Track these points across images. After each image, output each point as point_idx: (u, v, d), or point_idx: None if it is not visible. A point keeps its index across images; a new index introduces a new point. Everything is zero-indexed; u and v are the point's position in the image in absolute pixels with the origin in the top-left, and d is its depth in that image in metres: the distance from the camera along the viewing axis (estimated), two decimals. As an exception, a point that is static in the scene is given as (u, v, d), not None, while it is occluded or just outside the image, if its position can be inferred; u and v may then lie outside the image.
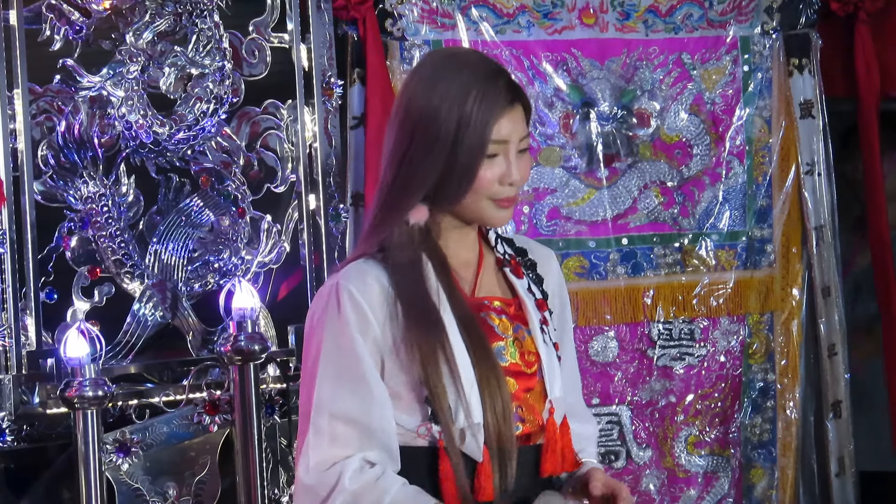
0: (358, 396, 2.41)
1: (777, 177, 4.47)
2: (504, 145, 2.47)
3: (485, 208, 2.49)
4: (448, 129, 2.44)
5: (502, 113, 2.46)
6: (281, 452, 3.72)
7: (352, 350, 2.43)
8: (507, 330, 2.52)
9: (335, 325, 2.44)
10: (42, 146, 3.66)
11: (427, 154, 2.46)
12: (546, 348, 2.54)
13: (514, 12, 4.24)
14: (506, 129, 2.47)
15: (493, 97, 2.46)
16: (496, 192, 2.48)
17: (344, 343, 2.43)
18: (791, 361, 4.49)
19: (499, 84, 2.48)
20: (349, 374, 2.43)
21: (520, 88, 2.52)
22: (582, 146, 4.31)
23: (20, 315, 3.56)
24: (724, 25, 4.42)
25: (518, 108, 2.50)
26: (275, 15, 4.00)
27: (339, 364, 2.43)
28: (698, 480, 4.42)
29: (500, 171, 2.47)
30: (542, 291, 2.63)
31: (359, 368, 2.42)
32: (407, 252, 2.48)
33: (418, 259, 2.49)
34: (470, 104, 2.45)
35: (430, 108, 2.46)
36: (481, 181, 2.46)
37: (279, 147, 4.00)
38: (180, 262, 3.85)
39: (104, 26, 3.74)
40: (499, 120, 2.46)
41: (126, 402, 3.62)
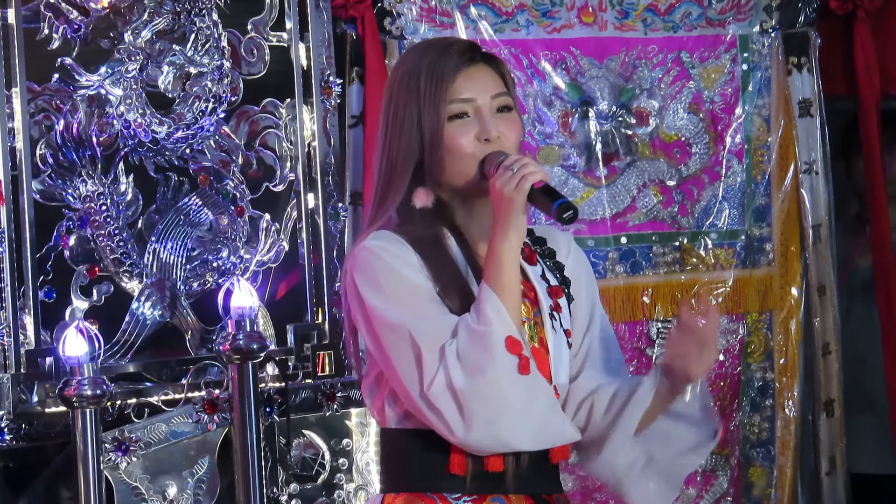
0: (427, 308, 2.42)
1: (776, 175, 4.47)
2: (471, 103, 2.48)
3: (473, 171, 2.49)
4: (411, 100, 2.49)
5: (457, 71, 2.48)
6: (280, 451, 3.72)
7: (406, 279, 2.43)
8: (529, 314, 2.53)
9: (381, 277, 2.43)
10: (40, 145, 3.66)
11: (401, 130, 2.50)
12: (554, 335, 2.54)
13: (512, 11, 4.24)
14: (466, 87, 2.48)
15: (446, 59, 2.49)
16: (476, 151, 2.48)
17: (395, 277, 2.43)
18: (790, 360, 4.49)
19: (452, 48, 2.51)
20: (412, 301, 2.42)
21: (484, 51, 2.54)
22: (581, 145, 4.31)
23: (19, 314, 3.55)
24: (722, 24, 4.42)
25: (481, 67, 2.51)
26: (273, 14, 3.99)
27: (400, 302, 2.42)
28: (697, 479, 4.42)
29: (475, 130, 2.48)
30: (562, 278, 2.63)
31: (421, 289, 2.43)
32: (425, 228, 2.49)
33: (441, 234, 2.50)
34: (425, 70, 2.49)
35: (398, 86, 2.52)
36: (455, 143, 2.47)
37: (278, 146, 3.99)
38: (179, 261, 3.85)
39: (102, 25, 3.74)
40: (454, 78, 2.47)
41: (125, 401, 3.61)
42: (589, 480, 4.29)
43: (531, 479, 2.48)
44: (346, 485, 3.83)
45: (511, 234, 2.40)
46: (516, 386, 2.35)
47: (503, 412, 2.35)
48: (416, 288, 2.43)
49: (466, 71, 2.49)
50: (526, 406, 2.36)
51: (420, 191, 2.51)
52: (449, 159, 2.48)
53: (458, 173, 2.49)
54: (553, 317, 2.55)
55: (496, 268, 2.40)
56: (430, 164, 2.49)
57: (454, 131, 2.48)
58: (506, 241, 2.40)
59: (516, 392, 2.35)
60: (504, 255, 2.40)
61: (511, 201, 2.39)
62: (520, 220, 2.40)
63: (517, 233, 2.41)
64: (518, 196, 2.39)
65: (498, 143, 2.48)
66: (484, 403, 2.35)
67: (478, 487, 2.45)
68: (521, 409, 2.36)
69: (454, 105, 2.48)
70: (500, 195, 2.40)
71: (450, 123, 2.48)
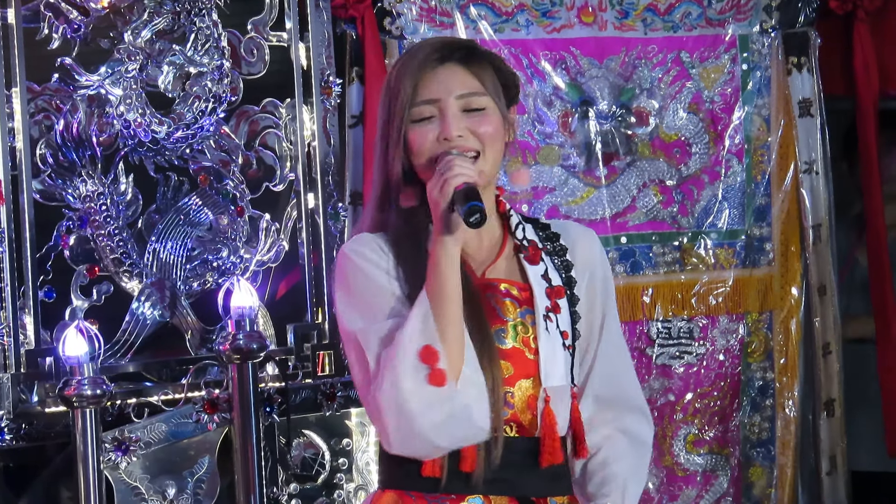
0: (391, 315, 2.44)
1: (776, 175, 4.47)
2: (434, 104, 2.47)
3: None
4: (384, 104, 2.50)
5: (423, 73, 2.47)
6: (280, 451, 3.72)
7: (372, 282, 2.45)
8: (513, 314, 2.51)
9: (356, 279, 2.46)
10: (40, 145, 3.66)
11: (380, 133, 2.51)
12: (547, 336, 2.52)
13: (512, 11, 4.24)
14: (429, 88, 2.47)
15: (413, 63, 2.48)
16: (432, 151, 2.47)
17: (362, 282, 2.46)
18: (790, 360, 4.49)
19: (422, 50, 2.51)
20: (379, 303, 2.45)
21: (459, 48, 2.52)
22: (581, 145, 4.31)
23: (19, 314, 3.55)
24: (722, 24, 4.42)
25: (451, 67, 2.50)
26: (273, 14, 4.00)
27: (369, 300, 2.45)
28: (697, 479, 4.42)
29: (436, 131, 2.47)
30: (567, 278, 2.61)
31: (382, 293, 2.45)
32: (408, 227, 2.50)
33: (422, 234, 2.49)
34: (395, 73, 2.49)
35: (383, 90, 2.53)
36: (416, 145, 2.47)
37: (278, 146, 3.99)
38: (179, 261, 3.85)
39: (102, 25, 3.74)
40: (420, 81, 2.47)
41: (125, 401, 3.61)
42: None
43: (518, 481, 2.48)
44: (346, 484, 3.83)
45: (445, 239, 2.39)
46: (420, 395, 2.35)
47: (408, 420, 2.36)
48: (379, 290, 2.45)
49: (433, 72, 2.48)
50: (427, 413, 2.36)
51: (405, 191, 2.51)
52: (415, 161, 2.49)
53: (425, 176, 2.47)
54: (549, 318, 2.53)
55: (433, 273, 2.39)
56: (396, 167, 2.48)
57: (416, 133, 2.47)
58: (441, 245, 2.39)
59: (418, 401, 2.35)
60: (440, 260, 2.39)
61: (437, 205, 2.38)
62: (450, 223, 2.38)
63: (452, 237, 2.39)
64: (442, 200, 2.37)
65: (461, 142, 2.46)
66: (392, 411, 2.37)
67: (455, 487, 2.45)
68: (422, 417, 2.36)
69: (417, 108, 2.47)
70: (431, 198, 2.40)
71: (414, 125, 2.47)
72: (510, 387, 2.48)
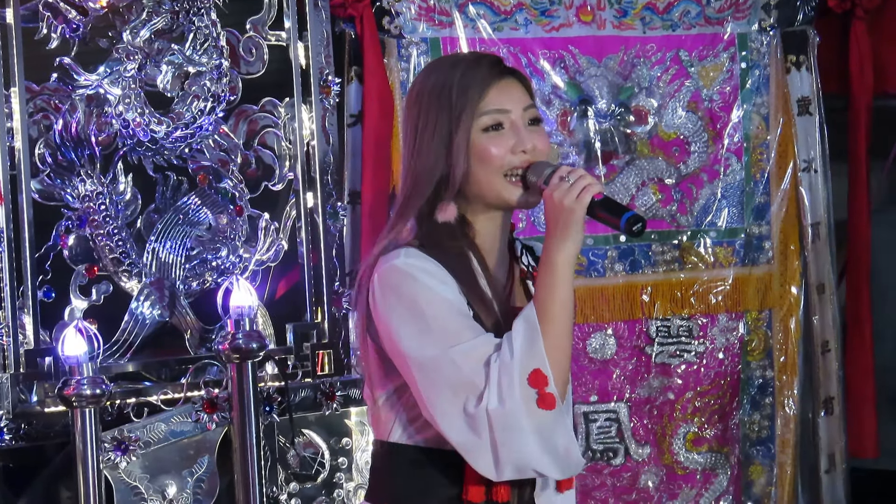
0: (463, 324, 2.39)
1: (775, 174, 4.47)
2: (505, 115, 2.47)
3: (499, 185, 2.46)
4: (442, 112, 2.47)
5: (490, 82, 2.47)
6: (279, 450, 3.72)
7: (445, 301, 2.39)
8: None
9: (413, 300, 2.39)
10: (39, 144, 3.66)
11: (429, 142, 2.47)
12: None
13: (511, 10, 4.24)
14: (500, 98, 2.47)
15: (477, 70, 2.48)
16: (509, 162, 2.46)
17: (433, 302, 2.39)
18: (789, 358, 4.49)
19: (483, 61, 2.50)
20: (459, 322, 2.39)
21: (512, 68, 2.54)
22: (580, 143, 4.31)
23: (18, 314, 3.55)
24: (721, 22, 4.42)
25: (512, 81, 2.50)
26: (272, 13, 3.99)
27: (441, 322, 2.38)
28: (697, 477, 4.42)
29: (511, 142, 2.46)
30: None
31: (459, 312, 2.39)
32: (451, 244, 2.47)
33: (465, 252, 2.47)
34: (457, 82, 2.47)
35: (427, 98, 2.49)
36: (489, 154, 2.45)
37: (277, 145, 3.99)
38: (178, 261, 3.85)
39: (101, 24, 3.74)
40: (487, 89, 2.46)
41: (124, 401, 3.61)
42: (588, 479, 4.30)
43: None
44: (345, 484, 3.83)
45: (569, 245, 2.38)
46: (532, 419, 2.32)
47: (521, 443, 2.33)
48: (454, 307, 2.40)
49: (498, 83, 2.48)
50: (543, 438, 2.33)
51: (444, 205, 2.48)
52: (482, 171, 2.46)
53: (488, 185, 2.47)
54: None
55: (551, 279, 2.38)
56: (457, 177, 2.46)
57: (488, 142, 2.46)
58: (563, 251, 2.38)
59: (531, 424, 2.32)
60: (561, 266, 2.38)
61: (572, 212, 2.37)
62: (578, 232, 2.38)
63: (575, 245, 2.38)
64: (578, 207, 2.37)
65: (533, 155, 2.47)
66: (505, 432, 2.32)
67: None
68: (537, 441, 2.33)
69: (488, 116, 2.46)
70: (559, 206, 2.38)
71: (484, 134, 2.46)
72: None
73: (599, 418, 4.32)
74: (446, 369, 2.35)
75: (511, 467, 2.34)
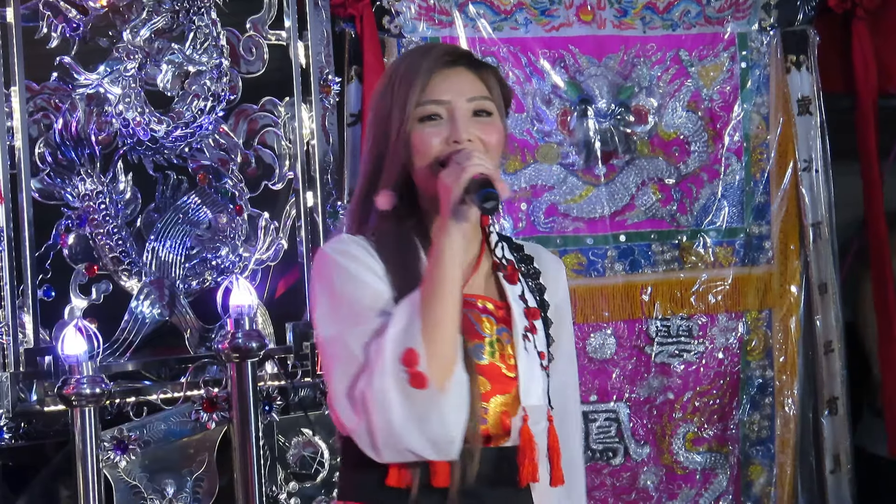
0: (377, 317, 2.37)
1: (775, 173, 4.47)
2: (443, 105, 2.44)
3: (430, 176, 2.43)
4: (385, 102, 2.46)
5: (432, 72, 2.44)
6: (279, 449, 3.72)
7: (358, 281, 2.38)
8: (491, 330, 2.48)
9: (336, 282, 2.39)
10: (39, 144, 3.66)
11: (376, 132, 2.47)
12: (526, 355, 2.49)
13: (511, 9, 4.24)
14: (440, 88, 2.44)
15: (422, 61, 2.45)
16: (441, 153, 2.42)
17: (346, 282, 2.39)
18: (789, 358, 4.49)
19: (433, 51, 2.48)
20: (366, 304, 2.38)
21: (467, 54, 2.51)
22: (580, 143, 4.31)
23: (18, 312, 3.55)
24: (721, 22, 4.42)
25: (461, 71, 2.47)
26: (272, 12, 4.00)
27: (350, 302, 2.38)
28: (696, 477, 4.42)
29: (445, 133, 2.43)
30: (541, 301, 2.59)
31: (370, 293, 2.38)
32: (394, 230, 2.45)
33: (408, 239, 2.46)
34: (402, 72, 2.45)
35: (379, 89, 2.49)
36: (423, 144, 2.42)
37: (277, 144, 3.99)
38: (178, 260, 3.85)
39: (101, 24, 3.74)
40: (429, 79, 2.43)
41: (124, 400, 3.62)
42: (587, 479, 4.29)
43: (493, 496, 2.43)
44: (345, 483, 3.82)
45: (451, 228, 2.33)
46: (404, 398, 2.30)
47: (391, 422, 2.31)
48: (366, 289, 2.38)
49: (443, 73, 2.45)
50: (414, 418, 2.30)
51: (383, 193, 2.46)
52: (417, 160, 2.44)
53: (423, 176, 2.44)
54: (527, 338, 2.50)
55: (435, 263, 2.34)
56: (395, 165, 2.44)
57: (424, 132, 2.44)
58: (445, 233, 2.34)
59: (402, 404, 2.30)
60: (443, 249, 2.34)
61: (448, 191, 2.33)
62: (458, 212, 2.33)
63: (456, 226, 2.34)
64: (456, 186, 2.33)
65: (469, 147, 2.42)
66: (376, 412, 2.31)
67: (426, 501, 2.39)
68: (405, 420, 2.30)
69: (426, 106, 2.44)
70: (442, 187, 2.35)
71: (420, 125, 2.44)
72: (485, 402, 2.44)
73: (599, 418, 4.32)
74: (339, 349, 2.36)
75: (389, 449, 2.33)
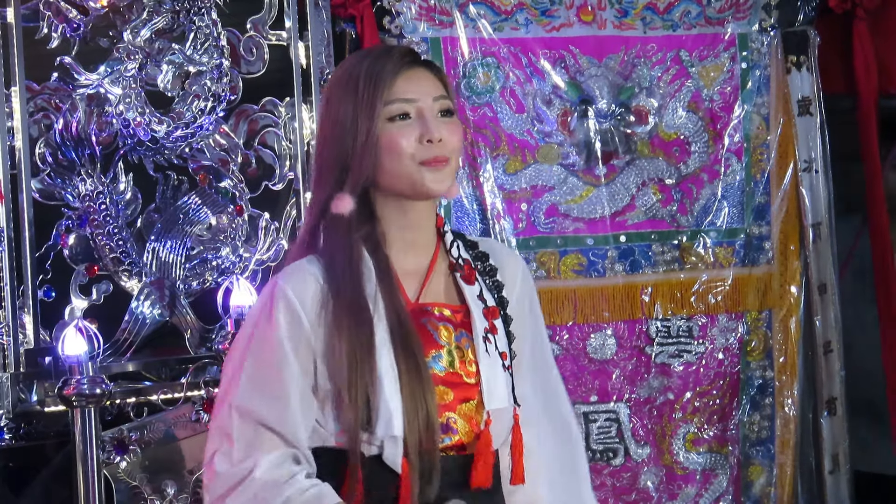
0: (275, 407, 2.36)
1: (775, 174, 4.47)
2: (412, 104, 2.42)
3: (414, 173, 2.41)
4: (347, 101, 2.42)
5: (398, 72, 2.42)
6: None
7: (276, 357, 2.36)
8: (449, 338, 2.45)
9: (265, 330, 2.38)
10: (40, 144, 3.66)
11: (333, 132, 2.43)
12: (487, 358, 2.45)
13: (512, 9, 4.24)
14: (407, 87, 2.42)
15: (386, 60, 2.43)
16: (418, 152, 2.41)
17: (269, 349, 2.37)
18: (789, 359, 4.49)
19: (393, 51, 2.46)
20: (269, 383, 2.37)
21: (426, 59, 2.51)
22: (580, 143, 4.31)
23: (18, 313, 3.55)
24: (721, 23, 4.42)
25: (422, 71, 2.45)
26: (272, 13, 4.00)
27: (262, 369, 2.37)
28: (696, 478, 4.42)
29: (418, 131, 2.41)
30: (499, 298, 2.54)
31: (280, 377, 2.36)
32: (342, 247, 2.42)
33: (356, 258, 2.42)
34: (364, 72, 2.43)
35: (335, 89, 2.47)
36: (396, 143, 2.40)
37: (277, 145, 4.00)
38: (178, 260, 3.85)
39: (102, 24, 3.74)
40: (395, 78, 2.41)
41: (124, 400, 3.61)
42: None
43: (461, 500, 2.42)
44: (345, 483, 3.82)
45: None
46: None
47: None
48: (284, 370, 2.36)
49: (407, 73, 2.43)
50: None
51: (339, 196, 2.43)
52: (389, 161, 2.40)
53: (396, 175, 2.41)
54: (487, 339, 2.47)
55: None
56: (365, 168, 2.41)
57: (395, 132, 2.41)
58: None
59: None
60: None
61: None
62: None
63: None
64: None
65: (441, 146, 2.41)
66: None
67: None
68: None
69: (394, 105, 2.41)
70: None
71: (390, 124, 2.41)
72: (451, 412, 2.42)
73: (599, 418, 4.32)
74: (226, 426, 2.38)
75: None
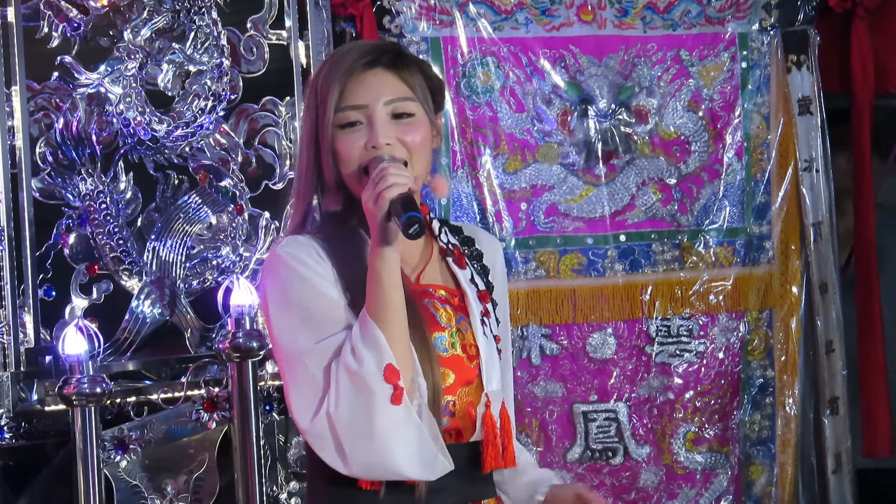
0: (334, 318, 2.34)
1: (775, 173, 4.47)
2: (360, 110, 2.41)
3: (355, 183, 2.41)
4: (310, 108, 2.43)
5: (349, 76, 2.40)
6: (279, 449, 3.72)
7: (311, 289, 2.36)
8: (451, 320, 2.46)
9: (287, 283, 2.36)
10: (40, 143, 3.67)
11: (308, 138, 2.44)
12: (486, 340, 2.48)
13: (512, 9, 4.24)
14: (356, 93, 2.41)
15: (340, 64, 2.42)
16: (360, 159, 2.40)
17: (299, 290, 2.36)
18: (790, 358, 4.49)
19: (351, 53, 2.44)
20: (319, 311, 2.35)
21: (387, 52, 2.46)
22: (580, 143, 4.31)
23: (18, 312, 3.56)
24: (722, 22, 4.42)
25: (378, 72, 2.43)
26: (273, 12, 4.00)
27: (306, 309, 2.35)
28: (697, 477, 4.42)
29: (364, 138, 2.40)
30: (487, 283, 2.57)
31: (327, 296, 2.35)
32: (340, 228, 2.43)
33: (355, 236, 2.43)
34: (322, 77, 2.43)
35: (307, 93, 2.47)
36: (343, 152, 2.40)
37: (277, 144, 4.00)
38: (178, 259, 3.85)
39: (102, 23, 3.75)
40: (346, 84, 2.40)
41: (124, 399, 3.62)
42: (587, 479, 4.30)
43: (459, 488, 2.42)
44: (345, 483, 3.82)
45: (384, 250, 2.31)
46: (384, 417, 2.28)
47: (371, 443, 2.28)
48: (330, 303, 2.35)
49: (359, 76, 2.41)
50: (392, 436, 2.29)
51: (334, 195, 2.44)
52: (342, 168, 2.41)
53: (352, 184, 2.42)
54: (484, 322, 2.49)
55: (374, 287, 2.31)
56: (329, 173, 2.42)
57: (344, 139, 2.41)
58: (380, 258, 2.31)
59: (383, 423, 2.28)
60: (381, 273, 2.31)
61: (373, 217, 2.30)
62: (388, 234, 2.30)
63: (390, 247, 2.31)
64: (378, 212, 2.29)
65: (389, 150, 2.39)
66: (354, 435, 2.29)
67: (395, 500, 2.37)
68: (387, 440, 2.29)
69: (344, 113, 2.41)
70: (366, 209, 2.32)
71: (341, 132, 2.41)
72: (451, 395, 2.43)
73: (599, 418, 4.32)
74: (298, 372, 2.33)
75: (359, 467, 2.31)
